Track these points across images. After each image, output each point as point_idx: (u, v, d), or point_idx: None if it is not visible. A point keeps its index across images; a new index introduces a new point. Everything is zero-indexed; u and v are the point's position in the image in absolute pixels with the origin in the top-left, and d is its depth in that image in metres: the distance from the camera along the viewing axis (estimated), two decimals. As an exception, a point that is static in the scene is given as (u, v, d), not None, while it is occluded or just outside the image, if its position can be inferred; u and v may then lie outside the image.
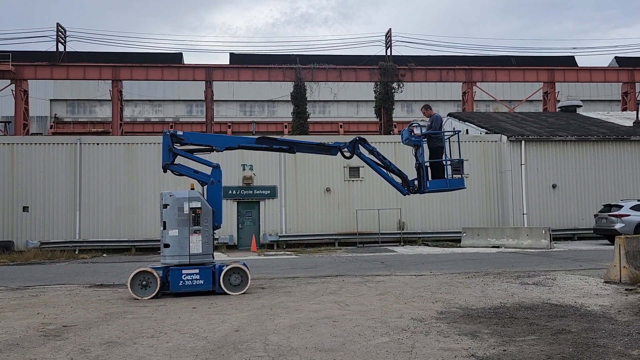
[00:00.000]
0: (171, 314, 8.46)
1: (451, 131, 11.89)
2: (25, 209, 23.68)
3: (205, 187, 11.01)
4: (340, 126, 49.01)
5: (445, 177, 11.30)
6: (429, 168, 11.33)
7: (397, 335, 6.75)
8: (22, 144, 24.35)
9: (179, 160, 11.36)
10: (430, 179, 11.29)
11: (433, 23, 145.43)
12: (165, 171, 11.20)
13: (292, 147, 11.63)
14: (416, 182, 11.40)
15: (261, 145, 11.52)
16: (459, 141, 12.32)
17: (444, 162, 11.34)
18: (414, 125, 11.48)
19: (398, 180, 11.53)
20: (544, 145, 25.75)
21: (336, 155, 11.70)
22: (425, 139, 11.29)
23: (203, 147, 11.51)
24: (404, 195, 11.83)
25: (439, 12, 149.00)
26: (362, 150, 11.45)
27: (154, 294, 10.09)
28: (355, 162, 25.07)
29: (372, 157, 11.49)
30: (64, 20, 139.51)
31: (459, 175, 11.66)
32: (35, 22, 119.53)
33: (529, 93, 45.76)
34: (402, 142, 11.63)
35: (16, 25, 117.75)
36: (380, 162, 11.49)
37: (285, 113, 47.54)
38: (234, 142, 11.52)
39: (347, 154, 11.48)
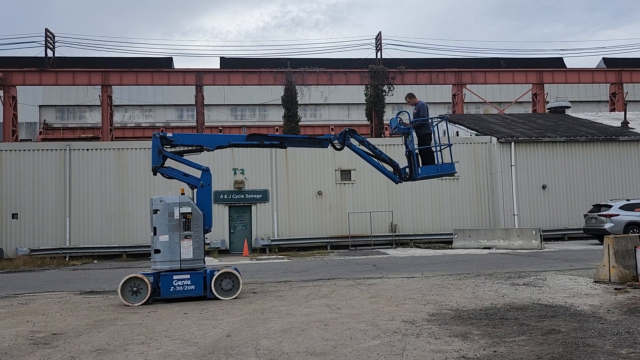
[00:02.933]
0: (162, 320, 8.42)
1: (438, 117, 11.91)
2: (14, 215, 23.47)
3: (195, 190, 11.00)
4: (332, 129, 49.01)
5: (436, 163, 11.37)
6: (419, 155, 11.39)
7: (389, 337, 6.76)
8: (10, 150, 24.14)
9: (169, 163, 11.33)
10: (421, 166, 11.36)
11: (423, 26, 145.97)
12: (155, 174, 11.17)
13: (282, 142, 11.67)
14: (407, 170, 11.46)
15: (252, 142, 11.53)
16: (447, 128, 12.37)
17: (434, 149, 11.40)
18: (402, 113, 11.59)
19: (390, 169, 11.61)
20: (534, 146, 25.91)
21: (327, 147, 11.76)
22: (413, 128, 11.36)
23: (193, 148, 11.51)
24: (396, 183, 11.92)
25: (430, 15, 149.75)
26: (353, 141, 11.51)
27: (144, 300, 10.04)
28: (346, 165, 25.32)
29: (363, 147, 11.56)
30: (53, 25, 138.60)
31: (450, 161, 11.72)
32: (23, 27, 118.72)
33: (518, 95, 46.02)
34: (391, 131, 11.70)
35: (4, 31, 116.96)
36: (371, 152, 11.55)
37: (276, 117, 47.51)
38: (225, 141, 11.52)
39: (338, 146, 11.53)
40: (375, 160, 11.60)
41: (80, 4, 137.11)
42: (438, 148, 11.46)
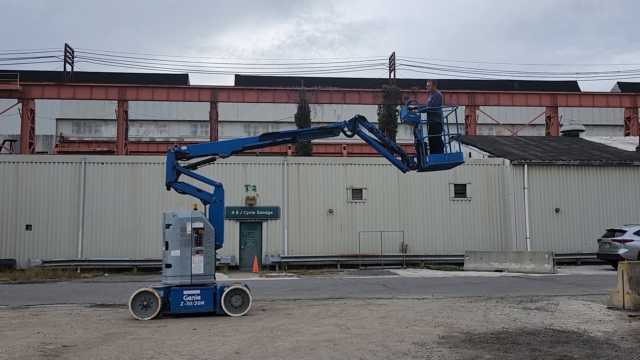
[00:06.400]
0: (171, 335, 8.43)
1: (450, 106, 11.94)
2: (28, 227, 23.71)
3: (207, 206, 11.07)
4: (344, 148, 49.17)
5: (445, 152, 11.36)
6: (427, 145, 11.38)
7: (398, 359, 6.70)
8: (27, 162, 24.49)
9: (183, 179, 11.45)
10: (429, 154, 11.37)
11: (437, 47, 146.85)
12: (168, 189, 11.28)
13: (294, 137, 11.79)
14: (416, 159, 11.50)
15: (265, 142, 11.66)
16: (456, 118, 12.41)
17: (443, 138, 11.42)
18: (411, 102, 11.66)
19: (398, 157, 11.65)
20: (547, 169, 25.76)
21: (338, 135, 11.84)
22: (425, 119, 11.38)
23: (207, 158, 11.67)
24: (404, 172, 11.93)
25: (443, 36, 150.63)
26: (362, 128, 11.57)
27: (154, 314, 10.06)
28: (358, 183, 25.35)
29: (372, 135, 11.62)
30: (72, 40, 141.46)
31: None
32: (43, 42, 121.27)
33: (531, 117, 45.94)
34: (401, 120, 11.76)
35: (24, 45, 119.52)
36: (379, 140, 11.60)
37: (289, 134, 47.71)
38: (239, 145, 11.61)
39: (349, 133, 11.61)
40: (384, 148, 11.67)
41: (99, 19, 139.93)
42: (447, 139, 11.51)
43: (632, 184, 26.05)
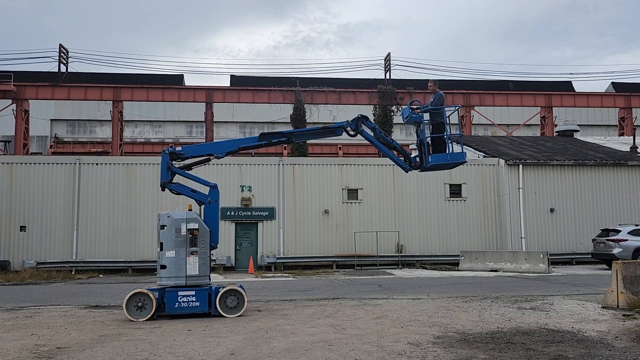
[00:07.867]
0: (166, 337, 8.40)
1: (452, 106, 11.97)
2: (22, 228, 23.59)
3: (202, 206, 11.05)
4: (340, 148, 49.21)
5: (447, 151, 11.38)
6: (430, 145, 11.42)
7: (393, 359, 6.71)
8: (21, 163, 24.36)
9: (178, 179, 11.41)
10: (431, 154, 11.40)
11: (433, 48, 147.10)
12: (163, 190, 11.25)
13: (295, 137, 11.77)
14: (418, 159, 11.51)
15: (261, 142, 11.62)
16: (459, 118, 12.43)
17: (445, 137, 11.44)
18: (415, 102, 11.67)
19: (400, 157, 11.67)
20: (542, 169, 25.85)
21: (341, 135, 11.79)
22: (427, 119, 11.40)
23: (202, 159, 11.61)
24: (406, 171, 11.93)
25: (440, 37, 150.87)
26: (365, 128, 11.56)
27: (149, 315, 10.03)
28: (354, 184, 25.36)
29: (374, 134, 11.63)
30: (67, 40, 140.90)
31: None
32: (37, 43, 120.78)
33: (526, 117, 46.08)
34: (404, 120, 11.74)
35: (19, 45, 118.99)
36: (382, 140, 11.61)
37: (284, 135, 47.64)
38: (234, 145, 11.55)
39: (352, 132, 11.59)
40: (386, 148, 11.66)
41: (94, 20, 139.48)
42: (449, 139, 11.56)
43: (626, 184, 26.18)
